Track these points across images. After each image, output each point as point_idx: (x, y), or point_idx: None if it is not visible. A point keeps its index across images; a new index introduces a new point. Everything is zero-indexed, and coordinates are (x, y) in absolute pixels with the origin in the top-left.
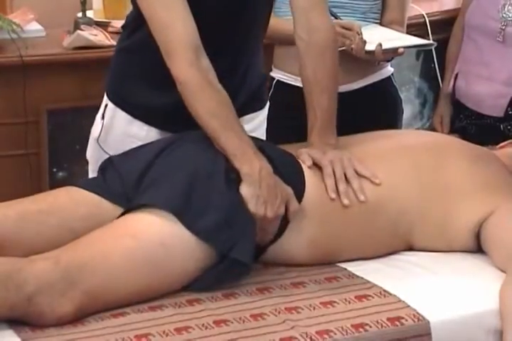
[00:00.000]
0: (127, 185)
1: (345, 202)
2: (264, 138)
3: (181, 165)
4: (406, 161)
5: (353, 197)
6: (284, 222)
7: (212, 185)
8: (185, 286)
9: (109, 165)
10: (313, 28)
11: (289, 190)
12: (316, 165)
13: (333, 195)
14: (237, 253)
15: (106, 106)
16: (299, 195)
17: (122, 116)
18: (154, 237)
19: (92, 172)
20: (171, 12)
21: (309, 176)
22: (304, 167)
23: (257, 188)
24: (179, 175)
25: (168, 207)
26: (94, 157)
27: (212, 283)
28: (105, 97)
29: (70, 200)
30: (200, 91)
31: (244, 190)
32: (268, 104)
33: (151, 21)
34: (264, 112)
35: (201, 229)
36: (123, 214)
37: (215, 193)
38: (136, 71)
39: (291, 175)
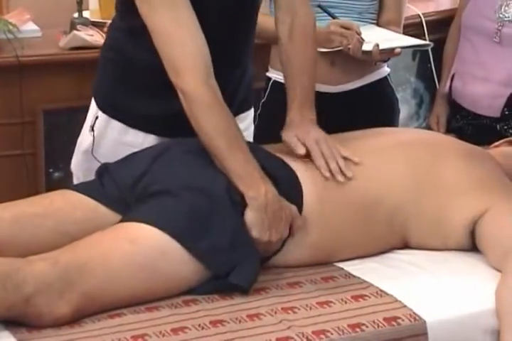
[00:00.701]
0: (123, 189)
1: (340, 178)
2: (252, 136)
3: (180, 179)
4: (402, 157)
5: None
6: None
7: (214, 206)
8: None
9: (105, 170)
10: (296, 14)
11: (294, 209)
12: (308, 157)
13: (328, 174)
14: (236, 278)
15: (96, 118)
16: (299, 205)
17: (116, 125)
18: (154, 244)
19: (78, 181)
20: (180, 25)
21: (304, 182)
22: (298, 172)
23: (262, 213)
24: (178, 191)
25: (167, 228)
26: (81, 168)
27: (210, 293)
28: (94, 108)
29: (67, 204)
30: (210, 109)
31: (249, 215)
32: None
33: (157, 34)
34: (252, 111)
35: (200, 251)
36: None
37: (218, 216)
38: (131, 81)
39: (288, 186)
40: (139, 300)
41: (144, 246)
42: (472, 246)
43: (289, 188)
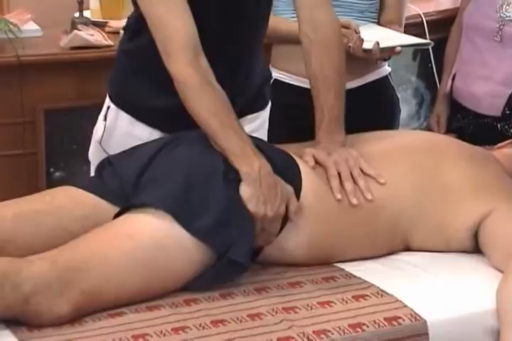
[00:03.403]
0: (125, 185)
1: (354, 201)
2: (265, 138)
3: (178, 166)
4: (405, 161)
5: (361, 197)
6: (283, 221)
7: (210, 185)
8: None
9: (106, 165)
10: (318, 24)
11: (290, 189)
12: (318, 164)
13: (339, 196)
14: (235, 254)
15: (108, 107)
16: (296, 194)
17: (125, 117)
18: (152, 238)
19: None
20: (171, 11)
21: (306, 175)
22: (301, 166)
23: (257, 188)
24: (176, 176)
25: (164, 207)
26: (96, 158)
27: (209, 283)
28: (107, 99)
29: (68, 200)
30: (200, 90)
31: (244, 189)
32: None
33: (150, 20)
34: (266, 112)
35: (198, 229)
36: (119, 213)
37: (213, 193)
38: (140, 73)
39: (288, 174)
40: (139, 297)
41: (141, 241)
42: (474, 248)
43: (288, 174)
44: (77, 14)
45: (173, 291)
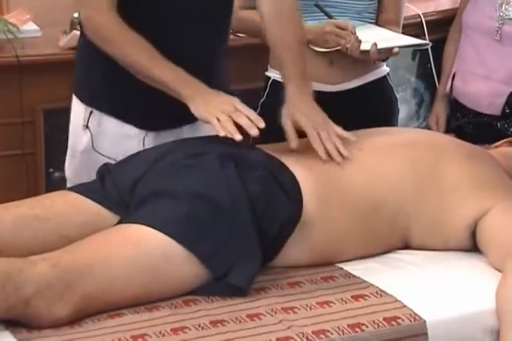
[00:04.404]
0: (123, 191)
1: (339, 159)
2: None
3: (180, 183)
4: (403, 158)
5: (345, 154)
6: (286, 233)
7: (214, 208)
8: None
9: (105, 172)
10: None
11: (232, 97)
12: (307, 154)
13: (325, 156)
14: (234, 279)
15: (91, 113)
16: (298, 209)
17: (110, 120)
18: (157, 247)
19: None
20: None
21: (303, 182)
22: (298, 178)
23: (204, 104)
24: (179, 195)
25: (168, 230)
26: (82, 169)
27: (210, 294)
28: (79, 105)
29: (68, 206)
30: (118, 31)
31: (194, 110)
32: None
33: None
34: None
35: (201, 252)
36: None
37: (218, 217)
38: (124, 76)
39: (287, 183)
40: (138, 302)
41: (147, 249)
42: (473, 247)
43: (289, 192)
44: (76, 14)
45: None
